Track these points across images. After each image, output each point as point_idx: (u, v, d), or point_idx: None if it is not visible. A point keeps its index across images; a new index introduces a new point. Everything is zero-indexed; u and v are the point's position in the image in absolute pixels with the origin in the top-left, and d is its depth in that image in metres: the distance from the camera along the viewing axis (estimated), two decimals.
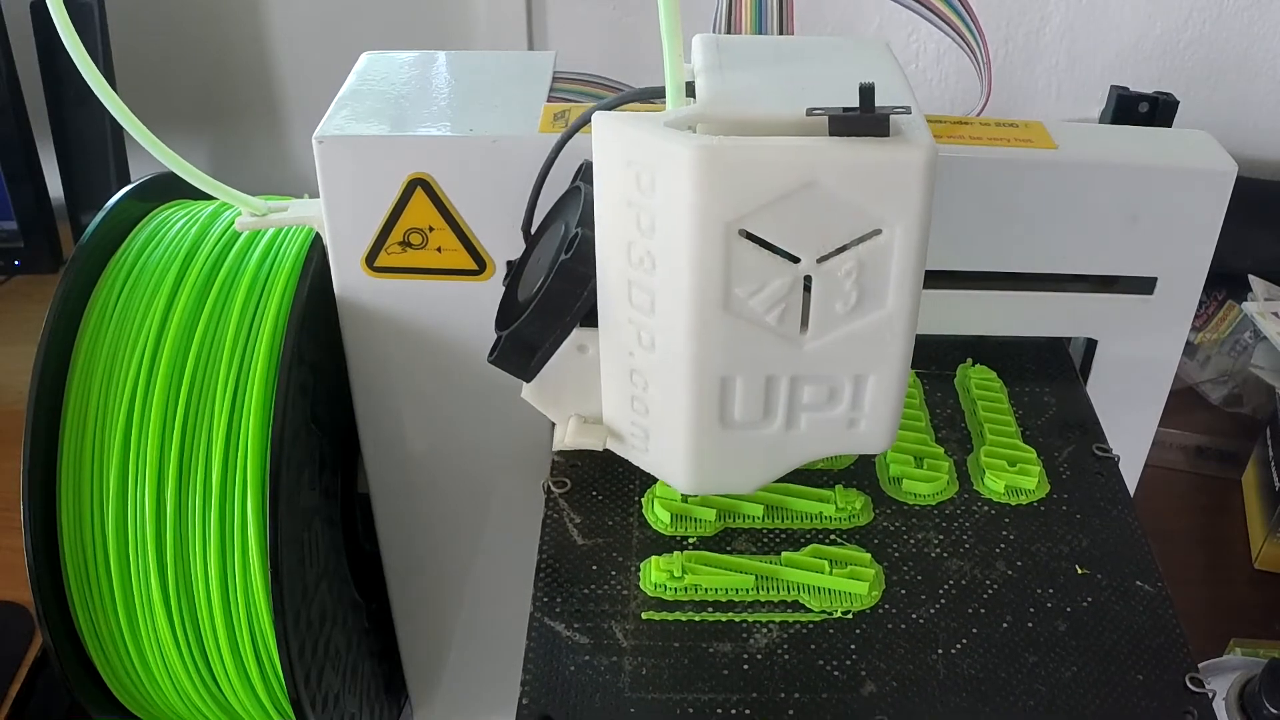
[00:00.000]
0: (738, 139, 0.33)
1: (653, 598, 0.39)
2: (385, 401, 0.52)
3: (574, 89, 0.54)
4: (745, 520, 0.42)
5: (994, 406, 0.48)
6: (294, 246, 0.51)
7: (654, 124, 0.34)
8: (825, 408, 0.38)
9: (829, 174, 0.33)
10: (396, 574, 0.58)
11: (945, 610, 0.39)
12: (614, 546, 0.41)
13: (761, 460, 0.40)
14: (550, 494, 0.43)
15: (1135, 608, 0.39)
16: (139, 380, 0.47)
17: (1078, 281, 0.49)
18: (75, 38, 0.40)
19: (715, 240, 0.34)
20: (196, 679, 0.49)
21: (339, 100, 0.48)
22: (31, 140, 0.87)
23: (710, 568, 0.40)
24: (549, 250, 0.40)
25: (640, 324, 0.37)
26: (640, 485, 0.43)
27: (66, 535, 0.48)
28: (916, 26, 0.96)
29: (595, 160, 0.35)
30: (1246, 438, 0.81)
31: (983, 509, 0.43)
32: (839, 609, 0.39)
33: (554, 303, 0.38)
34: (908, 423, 0.47)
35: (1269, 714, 0.52)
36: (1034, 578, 0.40)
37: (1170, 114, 0.60)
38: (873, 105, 0.33)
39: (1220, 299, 0.90)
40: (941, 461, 0.45)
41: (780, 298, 0.35)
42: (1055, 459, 0.46)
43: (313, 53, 1.02)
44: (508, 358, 0.40)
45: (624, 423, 0.41)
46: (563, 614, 0.38)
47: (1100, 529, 0.42)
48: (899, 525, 0.42)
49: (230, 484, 0.46)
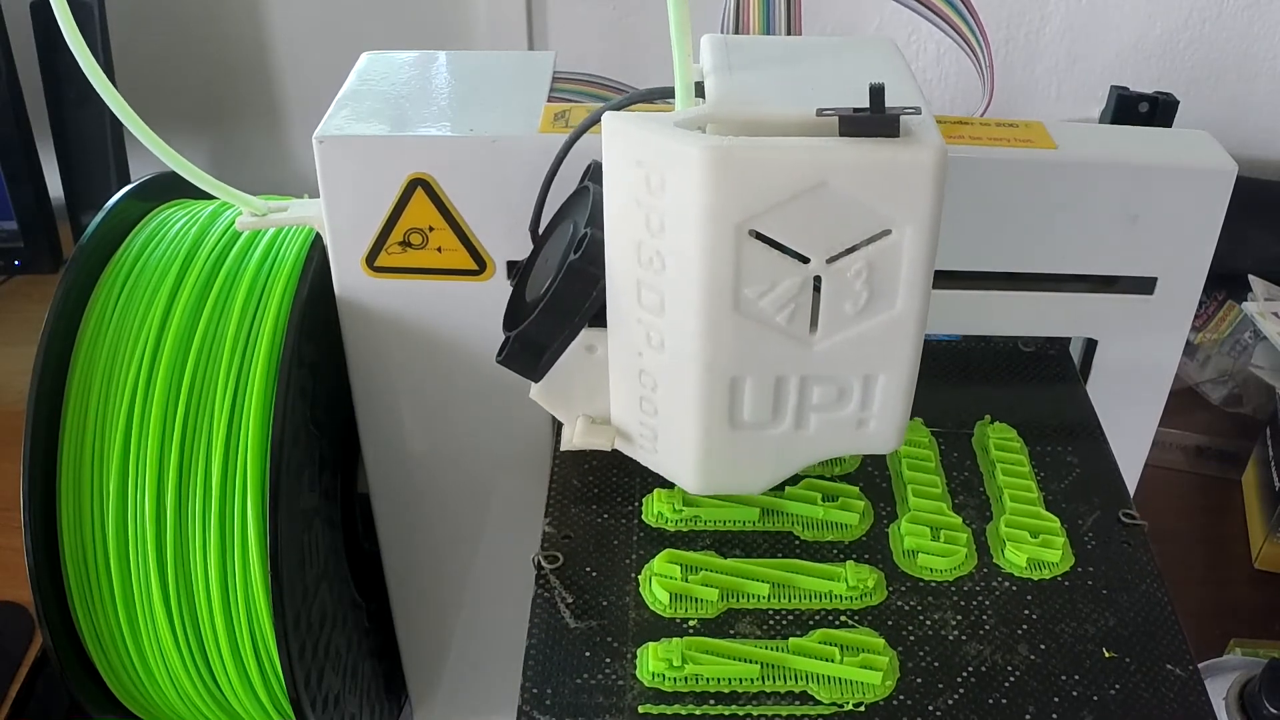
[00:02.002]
0: (748, 139, 0.33)
1: (650, 688, 0.37)
2: (385, 401, 0.52)
3: (574, 89, 0.54)
4: (749, 600, 0.40)
5: (1014, 469, 0.46)
6: (294, 246, 0.51)
7: (664, 124, 0.33)
8: (835, 408, 0.38)
9: (839, 174, 0.33)
10: (396, 574, 0.58)
11: (964, 701, 0.37)
12: (609, 630, 0.39)
13: (770, 460, 0.40)
14: (541, 570, 0.41)
15: (1165, 695, 0.37)
16: (139, 380, 0.47)
17: (1078, 281, 0.49)
18: (78, 36, 0.40)
19: (725, 240, 0.34)
20: (196, 679, 0.49)
21: (339, 100, 0.48)
22: (31, 140, 0.87)
23: (712, 656, 0.38)
24: (557, 250, 0.40)
25: (649, 324, 0.37)
26: (637, 560, 0.42)
27: (66, 535, 0.48)
28: (916, 26, 0.96)
29: (605, 161, 0.35)
30: (1246, 438, 0.81)
31: (1003, 585, 0.41)
32: (850, 701, 0.37)
33: (563, 303, 0.38)
34: (923, 489, 0.45)
35: (1269, 714, 0.52)
36: (1058, 663, 0.38)
37: (1170, 114, 0.60)
38: (883, 106, 0.33)
39: (1220, 299, 0.90)
40: (959, 533, 0.43)
41: (790, 298, 0.35)
42: (1080, 527, 0.43)
43: (313, 53, 1.02)
44: (516, 358, 0.40)
45: (632, 423, 0.41)
46: (554, 707, 0.36)
47: (1128, 607, 0.40)
48: (914, 604, 0.40)
49: (230, 486, 0.46)
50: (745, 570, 0.41)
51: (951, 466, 0.46)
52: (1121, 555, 0.42)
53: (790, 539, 0.43)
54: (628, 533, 0.43)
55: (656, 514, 0.43)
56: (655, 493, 0.44)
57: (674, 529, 0.43)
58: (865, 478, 0.45)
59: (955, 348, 0.52)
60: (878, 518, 0.44)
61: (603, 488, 0.45)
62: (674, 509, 0.43)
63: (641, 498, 0.44)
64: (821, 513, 0.43)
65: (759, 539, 0.43)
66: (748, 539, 0.43)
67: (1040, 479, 0.46)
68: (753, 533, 0.43)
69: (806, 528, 0.43)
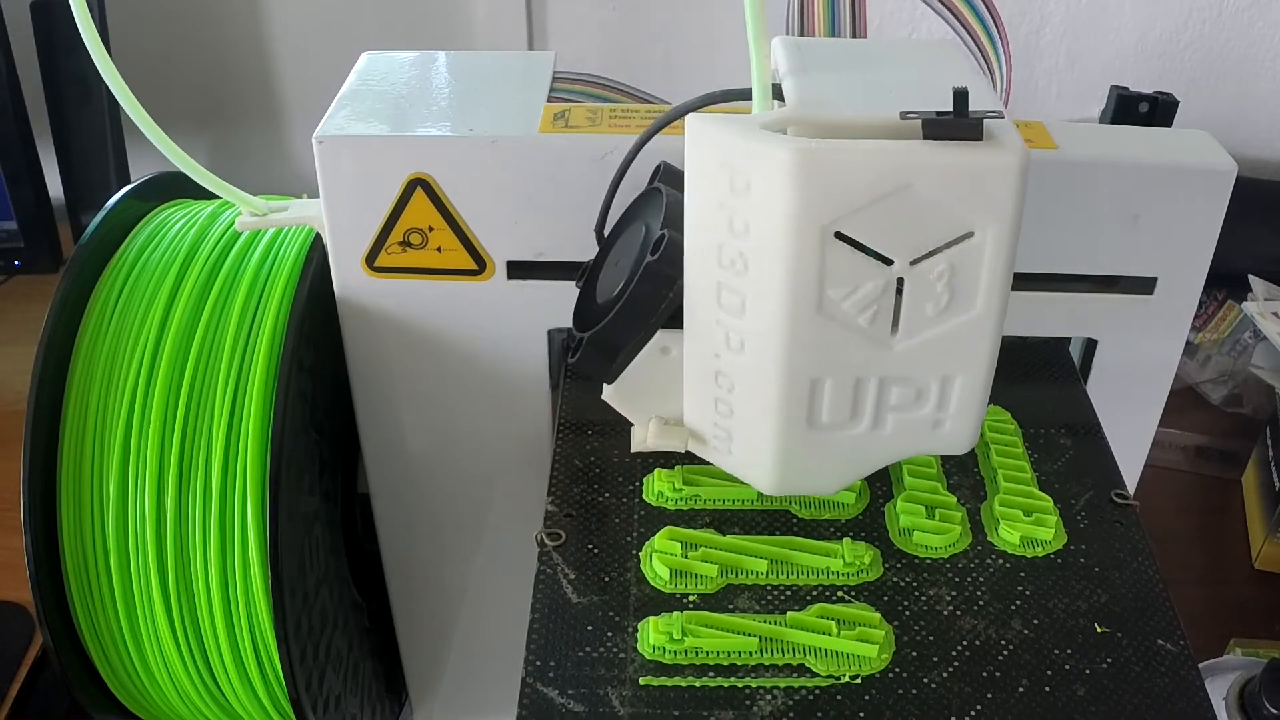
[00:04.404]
0: (834, 142, 0.33)
1: (651, 661, 0.37)
2: (385, 401, 0.52)
3: (574, 89, 0.54)
4: (748, 576, 0.41)
5: (1008, 450, 0.46)
6: (294, 247, 0.51)
7: (748, 126, 0.34)
8: (912, 408, 0.38)
9: (924, 177, 0.33)
10: (396, 574, 0.58)
11: (959, 674, 0.37)
12: (610, 605, 0.39)
13: (846, 461, 0.40)
14: (544, 547, 0.41)
15: (1157, 669, 0.38)
16: (139, 381, 0.47)
17: (1078, 281, 0.49)
18: (93, 30, 0.40)
19: (810, 242, 0.34)
20: (197, 679, 0.49)
21: (339, 100, 0.48)
22: (31, 140, 0.87)
23: (712, 629, 0.38)
24: (629, 252, 0.40)
25: (729, 326, 0.37)
26: (638, 538, 0.42)
27: (66, 535, 0.48)
28: (917, 27, 0.96)
29: (687, 162, 0.35)
30: (1246, 438, 0.81)
31: (997, 562, 0.42)
32: (847, 673, 0.37)
33: (639, 304, 0.38)
34: (918, 469, 0.45)
35: (1269, 714, 0.52)
36: (1051, 637, 0.39)
37: (1170, 114, 0.60)
38: (966, 109, 0.33)
39: (1220, 299, 0.90)
40: (954, 512, 0.43)
41: (873, 300, 0.35)
42: (1073, 507, 0.44)
43: (313, 53, 1.02)
44: (590, 360, 0.39)
45: (706, 424, 0.41)
46: (556, 679, 0.37)
47: (1120, 583, 0.41)
48: (909, 580, 0.41)
49: (230, 491, 0.46)
50: (744, 547, 0.41)
51: None
52: (1114, 534, 0.43)
53: (788, 517, 0.43)
54: (629, 511, 0.43)
55: (657, 493, 0.44)
56: (655, 472, 0.44)
57: (674, 508, 0.43)
58: None
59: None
60: (874, 497, 0.44)
61: (604, 467, 0.45)
62: (674, 488, 0.44)
63: (642, 477, 0.44)
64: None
65: (757, 517, 0.43)
66: (746, 517, 0.43)
67: (1033, 460, 0.46)
68: (751, 511, 0.43)
69: (804, 506, 0.43)
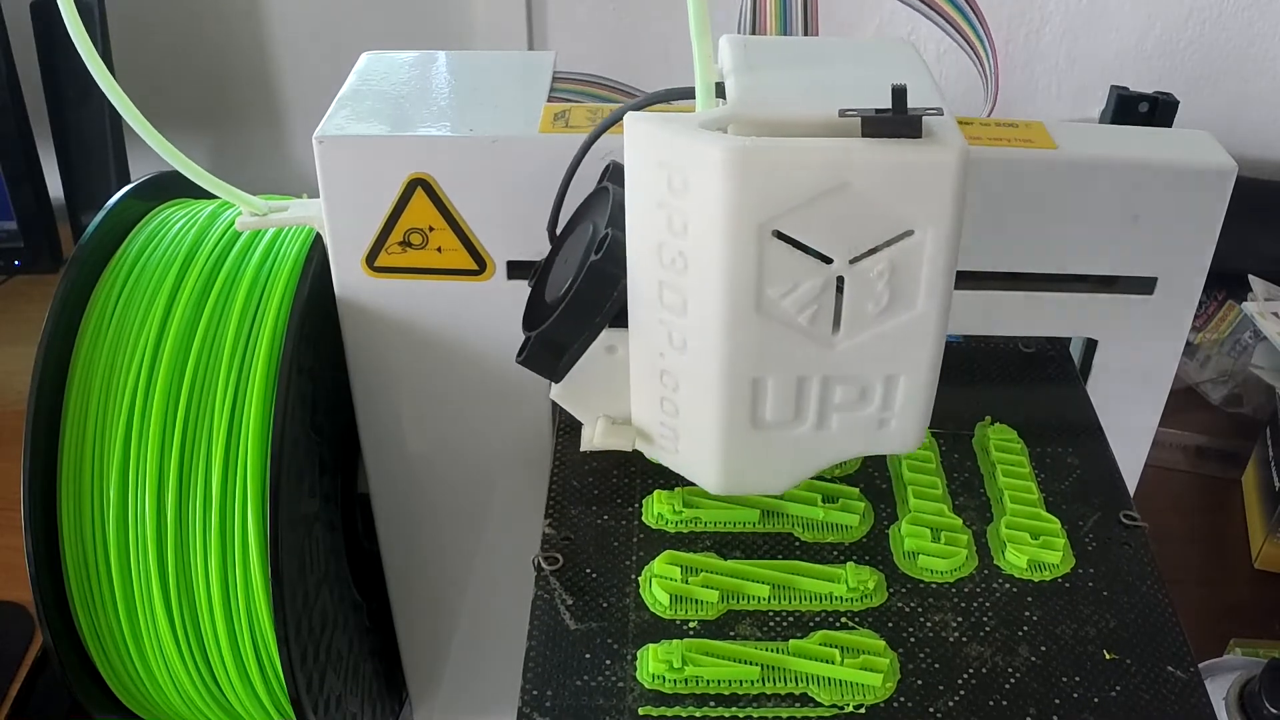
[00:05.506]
0: (771, 140, 0.33)
1: (651, 690, 0.37)
2: (385, 402, 0.52)
3: (574, 89, 0.54)
4: (750, 601, 0.40)
5: (1015, 471, 0.46)
6: (294, 247, 0.51)
7: (687, 125, 0.33)
8: (856, 408, 0.38)
9: (862, 175, 0.33)
10: (396, 574, 0.58)
11: (965, 703, 0.37)
12: (609, 631, 0.39)
13: (791, 460, 0.40)
14: (541, 571, 0.41)
15: (1166, 697, 0.37)
16: (139, 381, 0.47)
17: (1078, 281, 0.49)
18: (84, 33, 0.40)
19: (748, 241, 0.34)
20: (197, 679, 0.49)
21: (339, 100, 0.48)
22: (31, 140, 0.87)
23: (712, 657, 0.38)
24: (576, 251, 0.40)
25: (671, 325, 0.37)
26: (637, 562, 0.42)
27: (66, 535, 0.48)
28: (916, 26, 0.96)
29: (627, 161, 0.35)
30: (1246, 438, 0.81)
31: (1004, 587, 0.41)
32: (851, 703, 0.37)
33: (584, 303, 0.38)
34: (924, 490, 0.45)
35: (1269, 714, 0.52)
36: (1059, 664, 0.38)
37: (1170, 114, 0.60)
38: (905, 107, 0.33)
39: (1220, 299, 0.90)
40: (960, 535, 0.43)
41: (812, 298, 0.35)
42: (1080, 529, 0.43)
43: (313, 53, 1.02)
44: (536, 358, 0.39)
45: (653, 424, 0.41)
46: (553, 709, 0.36)
47: (1129, 608, 0.40)
48: (914, 606, 0.40)
49: (230, 493, 0.46)
50: (745, 571, 0.41)
51: (952, 468, 0.46)
52: (1122, 557, 0.42)
53: (790, 540, 0.43)
54: (628, 534, 0.43)
55: (656, 515, 0.43)
56: (655, 494, 0.44)
57: (674, 530, 0.43)
58: (865, 479, 0.45)
59: (955, 348, 0.52)
60: (878, 519, 0.44)
61: (603, 489, 0.45)
62: (674, 510, 0.43)
63: (641, 499, 0.44)
64: (822, 514, 0.43)
65: (759, 540, 0.43)
66: (748, 540, 0.43)
67: (1040, 480, 0.46)
68: (753, 534, 0.43)
69: (807, 529, 0.43)
